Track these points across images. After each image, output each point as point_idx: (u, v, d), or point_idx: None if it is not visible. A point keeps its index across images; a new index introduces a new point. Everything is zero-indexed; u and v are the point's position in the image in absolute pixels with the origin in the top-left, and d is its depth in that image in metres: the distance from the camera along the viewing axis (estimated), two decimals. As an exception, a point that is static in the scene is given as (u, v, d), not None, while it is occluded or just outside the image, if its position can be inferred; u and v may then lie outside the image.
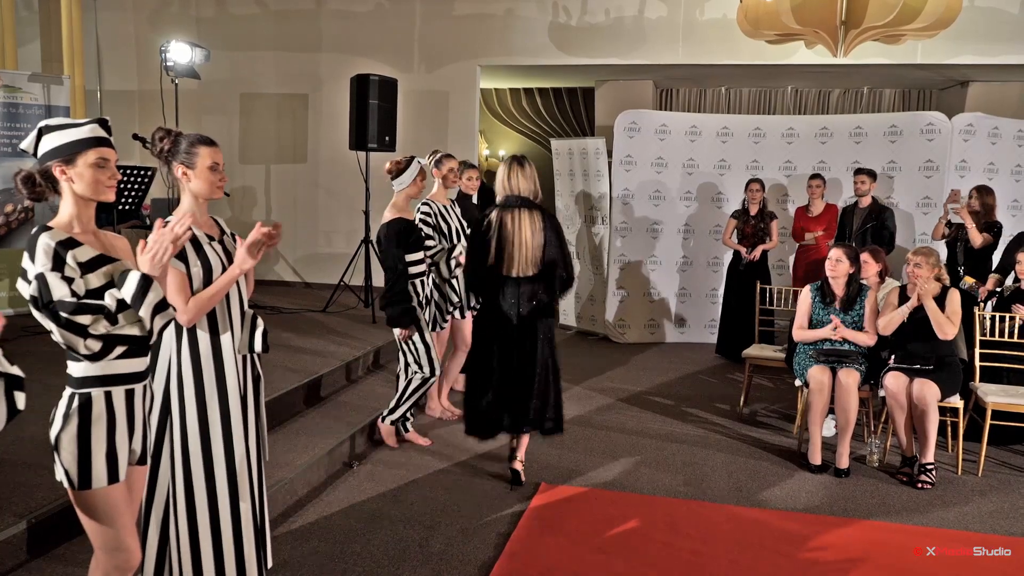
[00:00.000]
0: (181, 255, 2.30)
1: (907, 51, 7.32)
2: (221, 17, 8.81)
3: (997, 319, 4.60)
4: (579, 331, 7.96)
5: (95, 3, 7.92)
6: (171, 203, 6.73)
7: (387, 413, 4.41)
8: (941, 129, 6.79)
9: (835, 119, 7.48)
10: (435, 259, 4.61)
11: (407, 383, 4.32)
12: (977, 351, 4.57)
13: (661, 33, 7.92)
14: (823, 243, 6.28)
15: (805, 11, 5.33)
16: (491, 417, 3.82)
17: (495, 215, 3.76)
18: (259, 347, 2.51)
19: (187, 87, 7.56)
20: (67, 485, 2.00)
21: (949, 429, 4.60)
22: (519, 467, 3.98)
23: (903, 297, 4.36)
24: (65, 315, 1.85)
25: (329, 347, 5.57)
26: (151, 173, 6.28)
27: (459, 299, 4.84)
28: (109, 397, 2.01)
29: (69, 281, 1.89)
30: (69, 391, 1.99)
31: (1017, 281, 4.76)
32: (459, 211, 4.95)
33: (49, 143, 1.98)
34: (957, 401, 4.26)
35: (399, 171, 4.24)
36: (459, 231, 4.79)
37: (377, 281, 7.26)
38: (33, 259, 1.89)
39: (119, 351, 1.96)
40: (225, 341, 2.42)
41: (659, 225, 7.51)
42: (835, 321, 4.34)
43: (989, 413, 4.29)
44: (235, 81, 8.73)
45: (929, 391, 4.07)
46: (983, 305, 4.89)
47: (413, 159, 4.27)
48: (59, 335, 1.88)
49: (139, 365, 2.07)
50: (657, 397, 5.72)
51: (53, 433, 1.98)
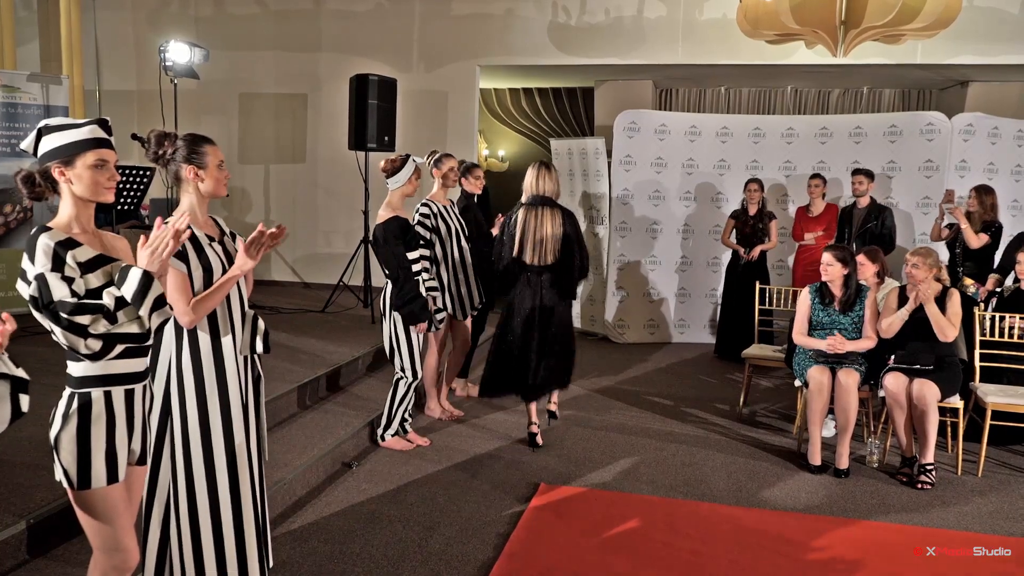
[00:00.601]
0: (182, 256, 2.29)
1: (907, 51, 7.32)
2: (220, 17, 8.81)
3: (997, 319, 4.61)
4: (579, 331, 7.94)
5: (94, 3, 7.91)
6: (170, 203, 6.72)
7: (383, 430, 4.40)
8: (941, 129, 6.79)
9: (835, 119, 7.48)
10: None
11: (392, 393, 4.33)
12: (977, 351, 4.56)
13: (661, 33, 7.91)
14: (823, 243, 6.27)
15: (804, 11, 5.33)
16: (504, 381, 4.42)
17: (522, 212, 4.33)
18: (260, 348, 2.50)
19: (186, 87, 7.56)
20: (66, 485, 2.00)
21: (949, 429, 4.60)
22: (536, 430, 4.51)
23: (902, 298, 4.35)
24: (65, 315, 1.84)
25: (328, 347, 5.56)
26: (150, 173, 6.27)
27: (460, 299, 4.83)
28: (109, 397, 2.00)
29: (69, 281, 1.88)
30: (69, 391, 1.99)
31: (1017, 281, 4.76)
32: (458, 211, 4.95)
33: (48, 144, 1.97)
34: (957, 401, 4.26)
35: (394, 170, 4.23)
36: (458, 231, 4.78)
37: (376, 281, 7.27)
38: (32, 260, 1.89)
39: (119, 350, 1.96)
40: (226, 342, 2.41)
41: (658, 225, 7.51)
42: (833, 339, 4.28)
43: (989, 413, 4.29)
44: (234, 81, 8.72)
45: (929, 391, 4.07)
46: (983, 305, 4.89)
47: (408, 158, 4.27)
48: (60, 335, 1.87)
49: (139, 365, 2.06)
50: (657, 397, 5.72)
51: (52, 433, 1.98)
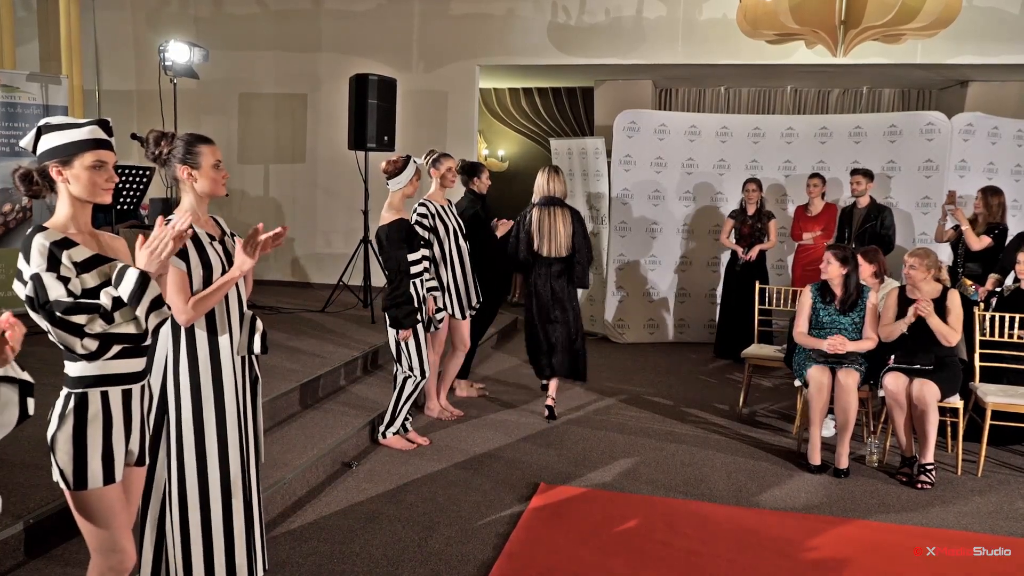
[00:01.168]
0: (183, 254, 2.29)
1: (907, 51, 7.31)
2: (219, 17, 8.80)
3: (997, 319, 4.60)
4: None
5: (93, 3, 7.90)
6: (170, 203, 6.72)
7: (385, 427, 4.39)
8: (941, 129, 6.79)
9: (834, 119, 7.47)
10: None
11: (399, 391, 4.32)
12: (977, 351, 4.56)
13: (660, 33, 7.91)
14: (821, 243, 6.27)
15: (804, 11, 5.32)
16: (543, 363, 4.97)
17: (536, 212, 4.84)
18: (258, 348, 2.49)
19: (186, 87, 7.56)
20: (63, 485, 1.99)
21: (949, 429, 4.59)
22: (551, 403, 5.04)
23: (902, 298, 4.35)
24: (61, 315, 1.83)
25: (328, 347, 5.56)
26: (149, 173, 6.26)
27: (459, 300, 4.83)
28: (106, 397, 2.00)
29: (65, 281, 1.88)
30: (66, 391, 1.98)
31: (1017, 281, 4.75)
32: (469, 214, 4.97)
33: (48, 143, 1.97)
34: (957, 401, 4.25)
35: (396, 171, 4.21)
36: (456, 231, 4.77)
37: (376, 281, 7.27)
38: (28, 260, 1.88)
39: (116, 350, 1.95)
40: (223, 342, 2.41)
41: (658, 225, 7.51)
42: (833, 340, 4.27)
43: (989, 413, 4.28)
44: (234, 81, 8.71)
45: (929, 391, 4.06)
46: (982, 305, 4.88)
47: (409, 159, 4.25)
48: (56, 335, 1.86)
49: (136, 365, 2.06)
50: (657, 397, 5.72)
51: (49, 433, 1.98)
